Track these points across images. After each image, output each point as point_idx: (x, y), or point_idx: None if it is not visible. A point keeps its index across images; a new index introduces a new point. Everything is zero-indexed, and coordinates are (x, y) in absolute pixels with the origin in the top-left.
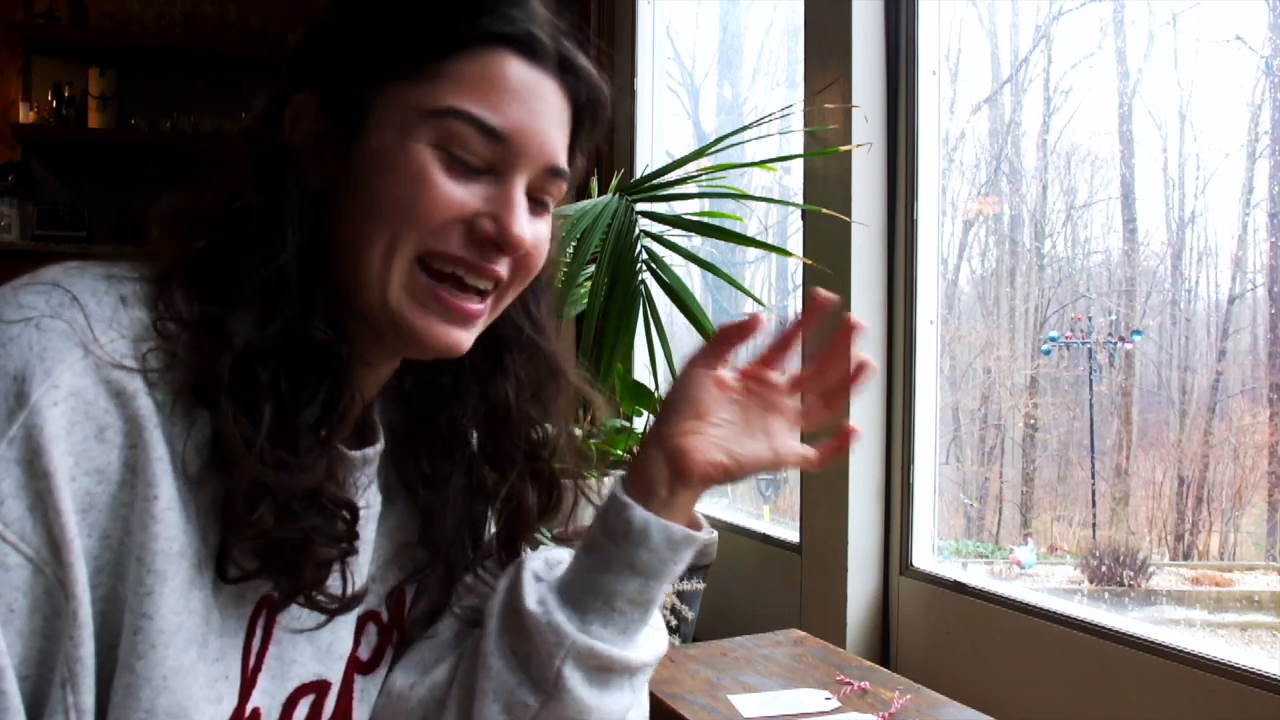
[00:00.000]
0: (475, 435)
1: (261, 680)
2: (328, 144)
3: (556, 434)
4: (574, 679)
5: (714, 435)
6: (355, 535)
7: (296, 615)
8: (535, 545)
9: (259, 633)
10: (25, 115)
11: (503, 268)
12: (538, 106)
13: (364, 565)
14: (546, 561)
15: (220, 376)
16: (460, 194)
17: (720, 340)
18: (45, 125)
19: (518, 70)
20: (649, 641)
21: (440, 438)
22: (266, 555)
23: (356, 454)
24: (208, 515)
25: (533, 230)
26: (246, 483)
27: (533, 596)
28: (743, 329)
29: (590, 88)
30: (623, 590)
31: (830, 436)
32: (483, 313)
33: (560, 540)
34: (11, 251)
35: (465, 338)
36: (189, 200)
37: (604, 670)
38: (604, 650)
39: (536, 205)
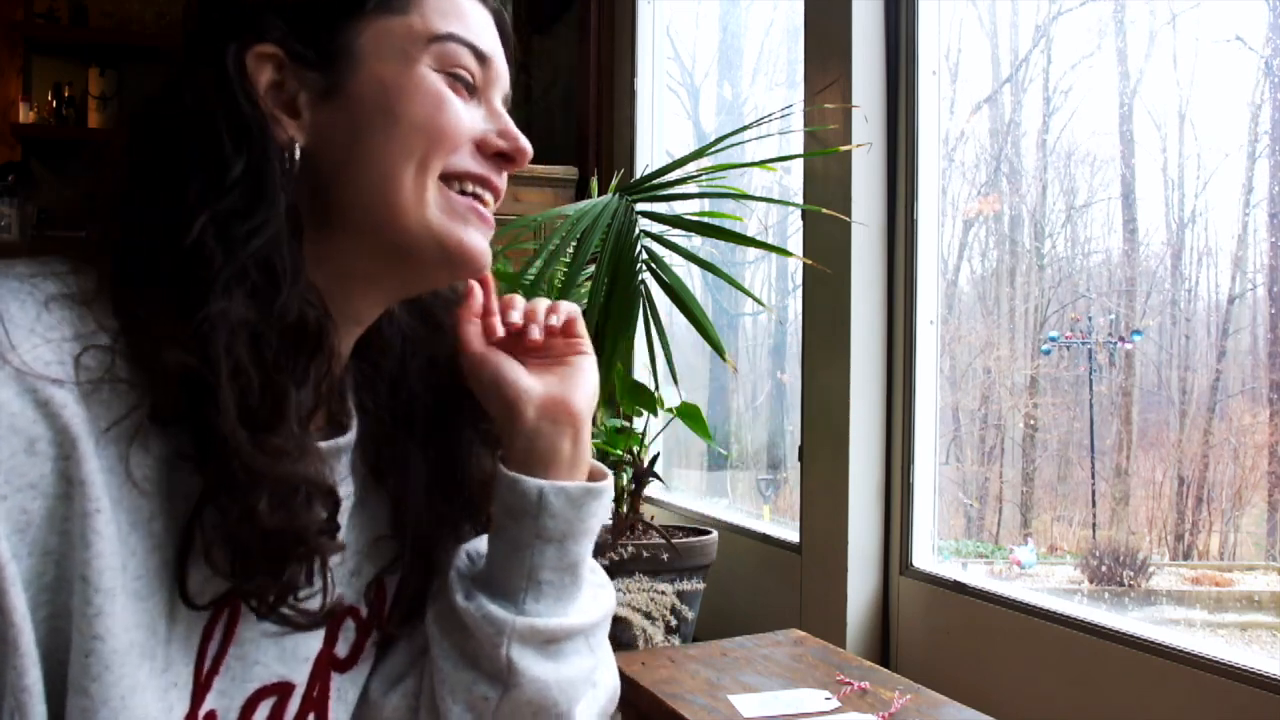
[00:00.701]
0: (425, 405)
1: (218, 683)
2: (301, 94)
3: None
4: (524, 660)
5: (533, 375)
6: (337, 528)
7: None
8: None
9: (217, 636)
10: (25, 115)
11: (502, 182)
12: (495, 35)
13: (342, 562)
14: (468, 555)
15: (203, 366)
16: (470, 115)
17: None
18: (45, 125)
19: (471, 2)
20: (591, 602)
21: (396, 414)
22: (242, 561)
23: (332, 442)
24: (158, 524)
25: None
26: (245, 478)
27: (461, 593)
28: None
29: (503, 20)
30: (541, 562)
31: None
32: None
33: None
34: (11, 252)
35: (489, 251)
36: (106, 181)
37: (552, 643)
38: (544, 624)
39: None
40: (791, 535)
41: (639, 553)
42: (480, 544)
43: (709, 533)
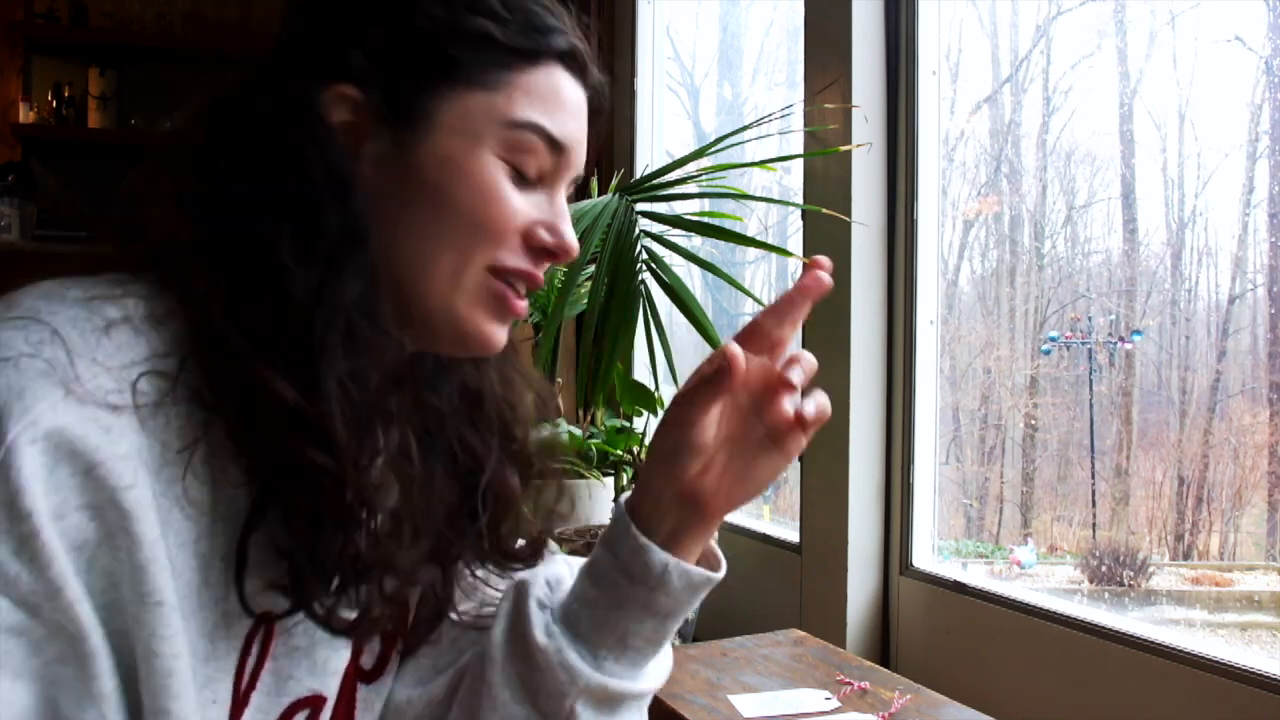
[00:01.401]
0: (452, 423)
1: (255, 699)
2: (367, 144)
3: (526, 412)
4: (586, 715)
5: (726, 465)
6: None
7: (299, 632)
8: (526, 536)
9: (254, 652)
10: (25, 115)
11: (541, 272)
12: (583, 121)
13: None
14: (548, 583)
15: (311, 404)
16: (524, 205)
17: (705, 383)
18: (45, 125)
19: (572, 86)
20: (658, 669)
21: (422, 431)
22: (311, 582)
23: None
24: (204, 545)
25: None
26: (355, 508)
27: (540, 628)
28: (721, 374)
29: (601, 98)
30: (638, 630)
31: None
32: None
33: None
34: (11, 251)
35: (505, 336)
36: (168, 198)
37: (616, 703)
38: (617, 686)
39: None
40: (791, 535)
41: None
42: (555, 568)
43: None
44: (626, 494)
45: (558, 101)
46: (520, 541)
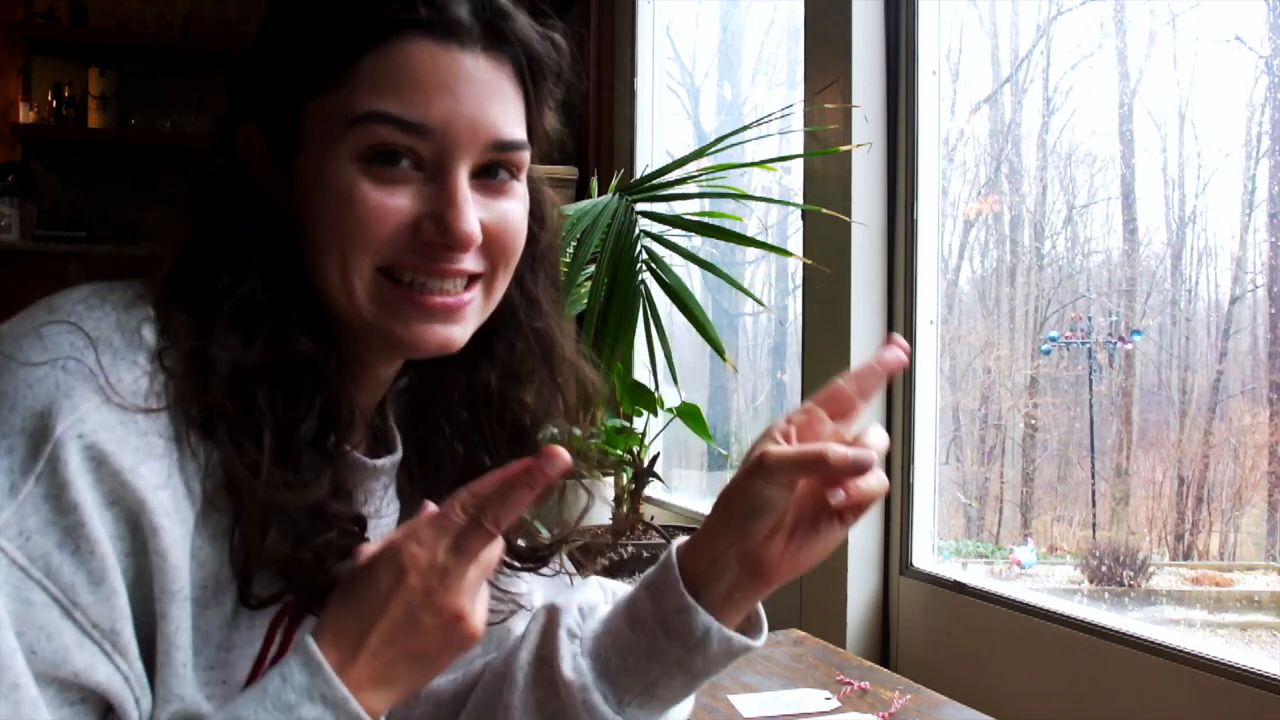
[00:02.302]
0: (466, 423)
1: None
2: (276, 168)
3: (546, 410)
4: None
5: (792, 533)
6: (352, 547)
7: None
8: (536, 544)
9: (278, 639)
10: (25, 115)
11: (469, 263)
12: (462, 89)
13: None
14: (581, 610)
15: (215, 405)
16: (395, 203)
17: (800, 463)
18: (45, 125)
19: (434, 55)
20: (680, 711)
21: (436, 431)
22: (287, 575)
23: (371, 463)
24: (226, 540)
25: (493, 214)
26: (256, 507)
27: (568, 661)
28: (822, 464)
29: (527, 48)
30: (668, 684)
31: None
32: (468, 303)
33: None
34: (12, 251)
35: (456, 331)
36: (173, 214)
37: None
38: None
39: (494, 181)
40: None
41: (639, 553)
42: (588, 594)
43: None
44: (680, 541)
45: (409, 79)
46: (521, 542)
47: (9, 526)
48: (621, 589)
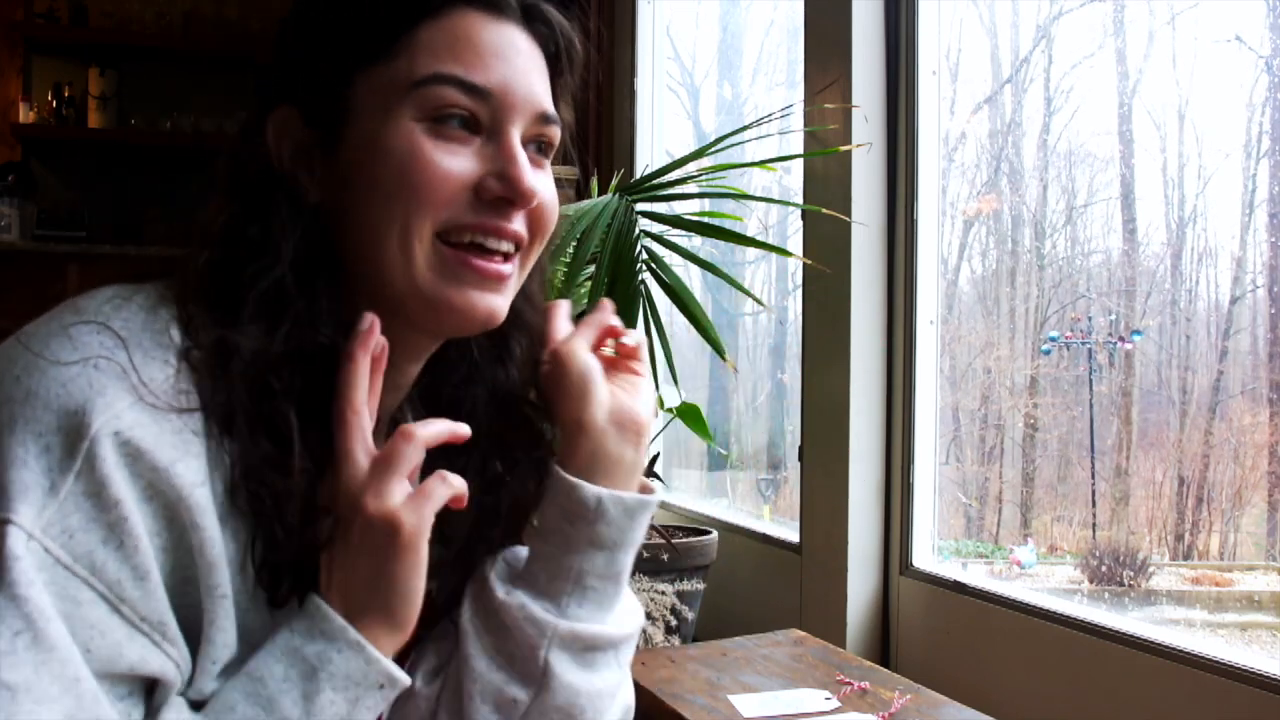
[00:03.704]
0: (483, 424)
1: None
2: (314, 152)
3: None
4: (561, 664)
5: (614, 391)
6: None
7: None
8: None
9: None
10: (25, 115)
11: (520, 225)
12: (513, 58)
13: None
14: (505, 560)
15: (238, 397)
16: (458, 162)
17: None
18: (45, 125)
19: (485, 26)
20: (626, 615)
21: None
22: (308, 571)
23: None
24: (249, 539)
25: (541, 181)
26: (283, 503)
27: (502, 591)
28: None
29: (560, 33)
30: (590, 568)
31: None
32: (511, 275)
33: None
34: (12, 251)
35: (500, 303)
36: (197, 212)
37: (589, 650)
38: (585, 630)
39: (536, 154)
40: (791, 535)
41: (639, 553)
42: (518, 550)
43: (709, 533)
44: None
45: (467, 45)
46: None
47: (52, 525)
48: None
